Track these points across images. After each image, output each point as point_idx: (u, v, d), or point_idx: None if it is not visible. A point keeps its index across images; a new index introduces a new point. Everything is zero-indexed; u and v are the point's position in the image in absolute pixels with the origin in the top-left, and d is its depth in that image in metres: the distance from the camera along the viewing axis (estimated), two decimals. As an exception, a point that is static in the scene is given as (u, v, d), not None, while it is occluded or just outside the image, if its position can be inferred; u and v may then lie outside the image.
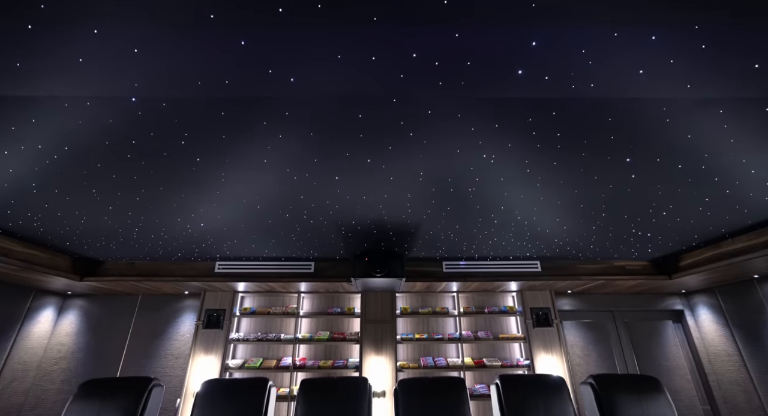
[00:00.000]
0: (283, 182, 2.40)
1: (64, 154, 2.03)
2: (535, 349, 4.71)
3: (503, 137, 1.92)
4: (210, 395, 2.85)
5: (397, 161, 2.16)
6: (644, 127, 1.82)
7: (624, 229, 3.30)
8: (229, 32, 1.30)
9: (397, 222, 3.16)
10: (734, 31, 1.29)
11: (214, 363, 4.61)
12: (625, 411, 2.80)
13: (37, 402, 4.41)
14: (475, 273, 4.40)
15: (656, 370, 4.87)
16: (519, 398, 2.90)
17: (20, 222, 3.04)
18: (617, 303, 5.24)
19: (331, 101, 1.65)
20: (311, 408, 2.85)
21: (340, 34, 1.31)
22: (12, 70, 1.44)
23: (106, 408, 2.71)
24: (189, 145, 1.98)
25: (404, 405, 2.94)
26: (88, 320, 4.92)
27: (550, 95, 1.60)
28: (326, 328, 5.00)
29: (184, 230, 3.30)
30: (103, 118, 1.74)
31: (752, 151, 2.01)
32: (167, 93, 1.59)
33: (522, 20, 1.26)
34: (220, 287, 4.69)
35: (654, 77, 1.50)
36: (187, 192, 2.54)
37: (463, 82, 1.53)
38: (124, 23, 1.27)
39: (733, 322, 4.40)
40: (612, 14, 1.24)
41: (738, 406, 4.32)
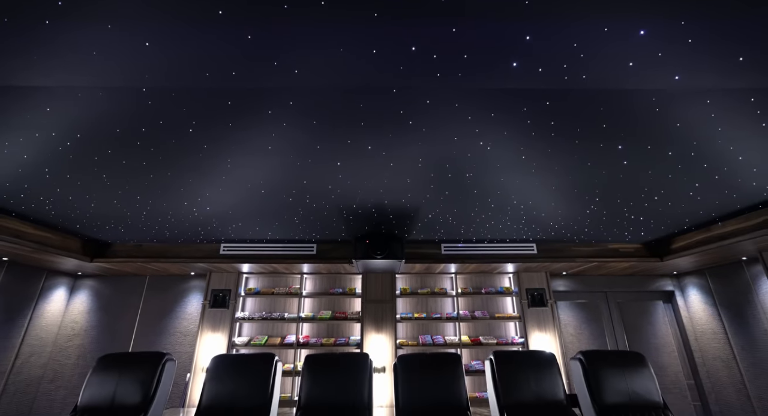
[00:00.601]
0: (287, 168, 2.49)
1: (77, 141, 2.12)
2: (530, 328, 4.89)
3: (499, 125, 1.99)
4: (220, 369, 3.03)
5: (397, 148, 2.24)
6: (635, 116, 1.89)
7: (617, 213, 3.41)
8: (236, 27, 1.36)
9: (397, 206, 3.26)
10: (718, 27, 1.35)
11: (221, 341, 4.81)
12: (611, 384, 2.98)
13: (55, 375, 4.63)
14: (472, 255, 4.53)
15: (645, 347, 5.07)
16: (511, 372, 3.08)
17: (33, 206, 3.14)
18: (611, 285, 5.40)
19: (333, 91, 1.72)
20: (316, 381, 3.04)
21: (342, 29, 1.37)
22: (29, 63, 1.51)
23: (124, 380, 2.89)
24: (196, 133, 2.06)
25: (403, 379, 3.12)
26: (99, 299, 5.10)
27: (543, 86, 1.67)
28: (328, 308, 5.19)
29: (190, 213, 3.40)
30: (114, 107, 1.81)
31: (739, 138, 2.08)
32: (176, 83, 1.66)
33: (516, 16, 1.32)
34: (226, 268, 4.84)
35: (643, 69, 1.56)
36: (194, 177, 2.63)
37: (460, 73, 1.60)
38: (136, 19, 1.33)
39: (721, 302, 4.56)
40: (601, 10, 1.30)
41: (720, 381, 4.54)
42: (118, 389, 2.86)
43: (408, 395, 3.02)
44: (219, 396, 2.92)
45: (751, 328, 4.15)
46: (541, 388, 3.00)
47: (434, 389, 3.03)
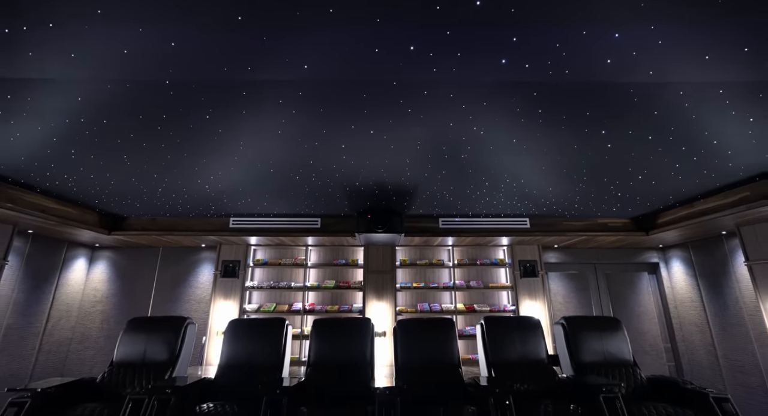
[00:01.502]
0: (295, 149, 2.68)
1: (102, 126, 2.30)
2: (521, 297, 5.24)
3: (491, 113, 2.17)
4: (238, 331, 3.36)
5: (396, 132, 2.42)
6: (614, 105, 2.07)
7: (604, 191, 3.62)
8: (253, 31, 1.52)
9: (397, 184, 3.47)
10: (684, 32, 1.51)
11: (233, 308, 5.17)
12: (588, 345, 3.32)
13: (82, 337, 5.04)
14: (469, 229, 4.79)
15: (628, 315, 5.44)
16: (499, 335, 3.41)
17: (57, 183, 3.36)
18: (599, 257, 5.70)
19: (339, 84, 1.89)
20: (323, 342, 3.38)
21: (348, 31, 1.53)
22: (69, 61, 1.68)
23: (152, 341, 3.23)
24: (213, 119, 2.24)
25: (402, 341, 3.46)
26: (117, 269, 5.42)
27: (530, 80, 1.84)
28: (332, 277, 5.51)
29: (202, 190, 3.62)
30: (140, 97, 1.99)
31: (712, 125, 2.26)
32: (197, 77, 1.83)
33: (504, 21, 1.48)
34: (235, 241, 5.12)
35: (620, 66, 1.72)
36: (208, 157, 2.83)
37: (454, 69, 1.76)
38: (164, 23, 1.49)
39: (700, 273, 4.87)
40: (579, 17, 1.45)
41: (693, 343, 4.93)
42: (147, 348, 3.20)
43: (406, 355, 3.37)
44: (237, 354, 3.26)
45: (725, 296, 4.48)
46: (526, 349, 3.35)
47: (430, 349, 3.37)
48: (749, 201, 3.37)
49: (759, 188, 3.27)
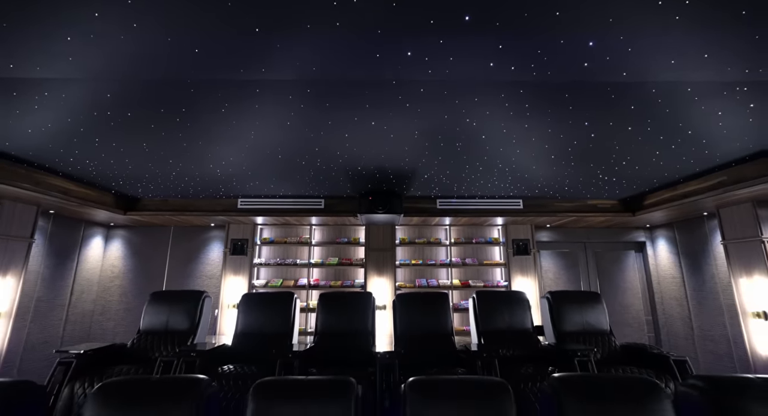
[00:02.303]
0: (302, 138, 2.90)
1: (127, 118, 2.52)
2: (513, 273, 5.56)
3: (482, 107, 2.38)
4: (251, 304, 3.69)
5: (396, 123, 2.63)
6: (594, 101, 2.27)
7: (591, 175, 3.85)
8: (268, 38, 1.72)
9: (396, 168, 3.70)
10: (652, 41, 1.70)
11: (242, 283, 5.51)
12: (569, 317, 3.65)
13: (103, 309, 5.41)
14: (465, 209, 5.04)
15: (614, 290, 5.79)
16: (489, 307, 3.74)
17: (78, 168, 3.59)
18: (589, 236, 5.98)
19: (344, 82, 2.09)
20: (329, 313, 3.71)
21: (351, 40, 1.73)
22: (101, 61, 1.88)
23: (174, 311, 3.56)
24: (227, 112, 2.45)
25: (401, 313, 3.79)
26: (131, 247, 5.73)
27: (516, 79, 2.04)
28: (335, 255, 5.83)
29: (213, 173, 3.85)
30: (163, 94, 2.20)
31: (684, 118, 2.47)
32: (216, 76, 2.03)
33: (490, 32, 1.67)
34: (243, 220, 5.40)
35: (596, 69, 1.92)
36: (221, 145, 3.05)
37: (447, 71, 1.96)
38: (190, 33, 1.69)
39: (682, 251, 5.16)
40: (556, 29, 1.64)
41: (672, 316, 5.30)
42: (170, 318, 3.54)
43: (405, 324, 3.71)
44: (251, 324, 3.60)
45: (703, 273, 4.79)
46: (513, 320, 3.68)
47: (426, 320, 3.71)
48: (726, 184, 3.60)
49: (734, 173, 3.50)
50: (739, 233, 4.02)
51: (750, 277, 3.89)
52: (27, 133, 2.74)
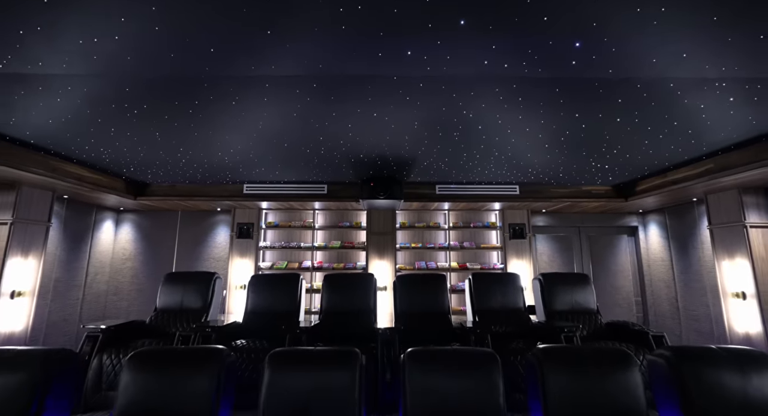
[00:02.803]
0: (307, 128, 3.05)
1: (143, 110, 2.66)
2: (509, 256, 5.78)
3: (478, 100, 2.52)
4: (260, 284, 3.92)
5: (396, 115, 2.78)
6: (584, 95, 2.41)
7: (584, 163, 4.00)
8: (279, 41, 1.86)
9: (397, 156, 3.85)
10: (634, 43, 1.84)
11: (249, 265, 5.74)
12: (559, 297, 3.87)
13: (116, 290, 5.67)
14: (463, 195, 5.21)
15: (605, 272, 6.02)
16: (484, 288, 3.97)
17: (93, 155, 3.75)
18: (584, 221, 6.18)
19: (348, 78, 2.24)
20: (333, 293, 3.94)
21: (355, 42, 1.87)
22: (124, 59, 2.03)
23: (188, 291, 3.79)
24: (238, 105, 2.59)
25: (400, 292, 4.02)
26: (141, 231, 5.94)
27: (510, 75, 2.18)
28: (338, 238, 6.04)
29: (221, 160, 4.01)
30: (179, 88, 2.34)
31: (669, 110, 2.62)
32: (229, 73, 2.17)
33: (484, 34, 1.80)
34: (248, 205, 5.58)
35: (583, 66, 2.06)
36: (230, 134, 3.20)
37: (444, 68, 2.10)
38: (209, 31, 1.82)
39: (672, 235, 5.36)
40: (547, 33, 1.78)
41: (660, 297, 5.55)
42: (184, 297, 3.77)
43: (404, 303, 3.95)
44: (260, 303, 3.84)
45: (690, 256, 5.00)
46: (506, 299, 3.91)
47: (424, 299, 3.94)
48: (713, 172, 3.76)
49: (720, 161, 3.65)
50: (725, 218, 4.21)
51: (732, 260, 4.10)
52: (48, 123, 2.89)
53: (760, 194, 4.07)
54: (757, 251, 3.93)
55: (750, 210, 4.02)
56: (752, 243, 3.95)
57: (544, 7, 1.62)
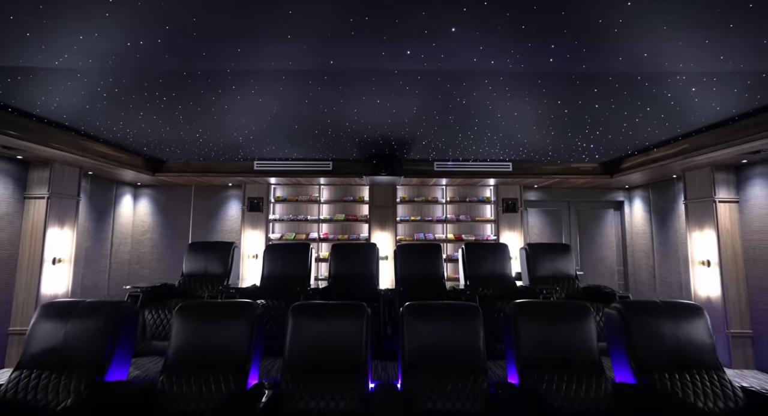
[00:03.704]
0: (316, 112, 3.37)
1: (171, 98, 2.99)
2: (502, 229, 6.21)
3: (469, 89, 2.83)
4: (274, 253, 4.36)
5: (397, 102, 3.09)
6: (563, 86, 2.72)
7: (571, 142, 4.33)
8: (297, 42, 2.17)
9: (398, 136, 4.18)
10: (597, 44, 2.15)
11: (260, 236, 6.19)
12: (542, 264, 4.33)
13: (138, 259, 6.16)
14: (459, 171, 5.56)
15: (591, 244, 6.47)
16: (475, 256, 4.42)
17: (118, 135, 4.09)
18: (573, 196, 6.55)
19: (355, 72, 2.55)
20: (340, 260, 4.39)
21: (363, 44, 2.18)
22: (158, 54, 2.34)
23: (210, 258, 4.24)
24: (256, 93, 2.91)
25: (400, 260, 4.48)
26: (157, 205, 6.35)
27: (496, 69, 2.49)
28: (342, 212, 6.45)
29: (236, 140, 4.34)
30: (205, 78, 2.66)
31: (642, 98, 2.93)
32: (251, 67, 2.49)
33: (473, 39, 2.11)
34: (258, 180, 5.95)
35: (559, 63, 2.37)
36: (247, 117, 3.52)
37: (439, 63, 2.41)
38: (232, 37, 2.13)
39: (654, 210, 5.76)
40: (524, 36, 2.09)
41: (640, 266, 6.03)
42: (207, 264, 4.23)
43: (403, 269, 4.41)
44: (275, 269, 4.30)
45: (668, 229, 5.43)
46: (494, 266, 4.37)
47: (421, 266, 4.40)
48: (687, 151, 4.10)
49: (695, 141, 3.98)
50: (698, 194, 4.59)
51: (701, 231, 4.52)
52: (85, 108, 3.22)
53: (730, 172, 4.42)
54: (722, 223, 4.33)
55: (720, 187, 4.39)
56: (719, 217, 4.35)
57: (523, 17, 1.93)
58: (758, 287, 4.13)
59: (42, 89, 2.86)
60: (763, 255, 4.08)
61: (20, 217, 4.21)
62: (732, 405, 2.13)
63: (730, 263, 4.29)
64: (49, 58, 2.36)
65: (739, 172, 4.39)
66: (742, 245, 4.30)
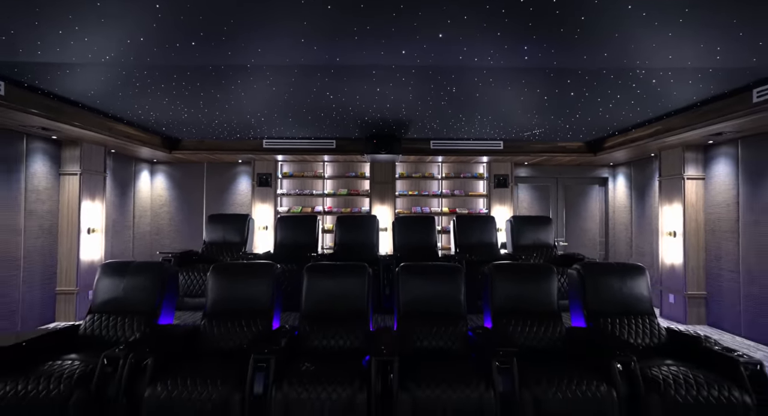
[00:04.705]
0: (322, 98, 3.76)
1: (196, 87, 3.39)
2: (493, 203, 6.69)
3: (458, 81, 3.22)
4: (286, 223, 4.87)
5: (395, 90, 3.48)
6: (539, 79, 3.12)
7: (555, 124, 4.73)
8: (308, 45, 2.56)
9: (396, 118, 4.58)
10: (563, 45, 2.54)
11: (269, 209, 6.69)
12: (525, 234, 4.83)
13: (158, 231, 6.70)
14: (454, 149, 5.97)
15: (576, 217, 6.97)
16: (465, 226, 4.92)
17: (142, 117, 4.50)
18: (562, 172, 6.99)
19: (358, 67, 2.94)
20: (345, 230, 4.90)
21: (365, 46, 2.57)
22: (190, 52, 2.74)
23: (228, 228, 4.75)
24: (270, 83, 3.31)
25: (398, 230, 4.99)
26: (173, 180, 6.81)
27: (479, 66, 2.88)
28: (345, 187, 6.91)
29: (248, 121, 4.74)
30: (228, 71, 3.05)
31: (613, 89, 3.33)
32: (268, 62, 2.88)
33: (458, 42, 2.50)
34: (267, 158, 6.38)
35: (534, 60, 2.76)
36: (260, 102, 3.92)
37: (430, 60, 2.80)
38: (254, 38, 2.53)
39: (634, 186, 6.22)
40: (501, 39, 2.48)
41: (620, 238, 6.56)
42: (225, 233, 4.75)
43: (401, 238, 4.93)
44: (286, 238, 4.82)
45: (644, 203, 5.91)
46: (482, 236, 4.89)
47: (417, 235, 4.91)
48: (660, 132, 4.51)
49: (666, 124, 4.37)
50: (671, 171, 5.03)
51: (671, 205, 5.00)
52: (118, 95, 3.62)
53: (699, 151, 4.84)
54: (689, 199, 4.81)
55: (689, 165, 4.83)
56: (686, 193, 4.81)
57: (498, 27, 2.32)
58: (714, 255, 4.66)
59: (83, 79, 3.26)
60: (721, 226, 4.58)
61: (57, 192, 4.69)
62: (656, 341, 2.69)
63: (692, 234, 4.80)
64: (97, 55, 2.75)
65: (707, 152, 4.82)
66: (705, 218, 4.80)
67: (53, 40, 2.49)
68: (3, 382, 2.08)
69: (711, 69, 2.89)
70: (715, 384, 2.15)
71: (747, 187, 4.26)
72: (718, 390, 2.12)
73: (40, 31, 2.38)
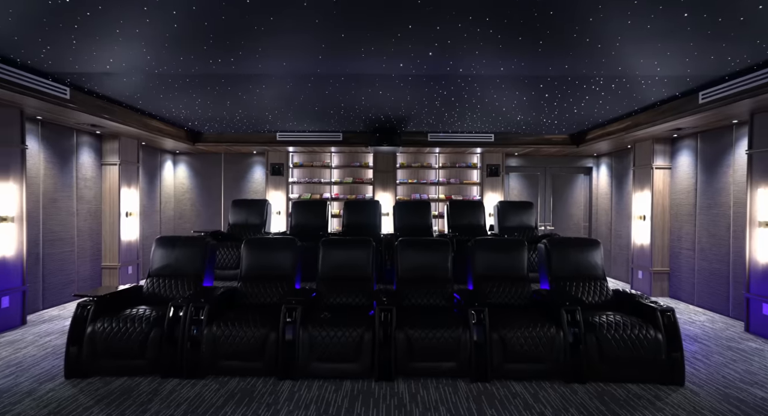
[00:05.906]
0: (332, 98, 4.37)
1: (226, 90, 4.00)
2: (485, 190, 7.31)
3: (449, 85, 3.82)
4: (300, 207, 5.53)
5: (395, 93, 4.09)
6: (516, 86, 3.71)
7: (538, 119, 5.31)
8: (327, 59, 3.17)
9: (396, 115, 5.18)
10: (538, 54, 3.14)
11: (281, 196, 7.34)
12: (510, 217, 5.47)
13: (181, 215, 7.38)
14: (450, 141, 6.57)
15: (562, 203, 7.59)
16: (457, 211, 5.56)
17: (174, 113, 5.13)
18: (549, 163, 7.58)
19: (363, 75, 3.55)
20: (351, 213, 5.55)
21: (367, 59, 3.17)
22: (227, 61, 3.36)
23: (249, 212, 5.41)
24: (289, 89, 3.92)
25: (398, 213, 5.64)
26: (193, 170, 7.46)
27: (465, 74, 3.48)
28: (350, 176, 7.54)
29: (265, 117, 5.36)
30: (256, 79, 3.67)
31: (579, 91, 3.92)
32: (287, 72, 3.49)
33: (446, 57, 3.10)
34: (279, 149, 7.01)
35: (507, 70, 3.35)
36: (277, 102, 4.54)
37: (425, 67, 3.41)
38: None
39: (614, 174, 6.81)
40: (483, 52, 3.07)
41: (601, 223, 7.18)
42: (248, 217, 5.41)
43: (401, 220, 5.58)
44: (301, 220, 5.49)
45: (622, 190, 6.51)
46: (472, 219, 5.53)
47: (415, 217, 5.57)
48: (630, 127, 5.09)
49: (635, 119, 4.95)
50: (643, 161, 5.62)
51: (642, 192, 5.61)
52: (159, 97, 4.25)
53: (667, 144, 5.43)
54: (657, 186, 5.41)
55: (658, 156, 5.42)
56: (655, 181, 5.42)
57: (479, 45, 2.91)
58: (676, 235, 5.29)
59: (126, 84, 3.88)
60: (682, 210, 5.20)
61: (100, 180, 5.35)
62: (604, 299, 3.35)
63: (659, 217, 5.43)
64: (141, 64, 3.37)
65: (674, 144, 5.40)
66: (670, 203, 5.41)
67: (107, 54, 3.12)
68: (101, 321, 2.78)
69: (666, 78, 3.48)
70: (637, 325, 2.82)
71: (703, 176, 4.87)
72: (639, 330, 2.78)
73: (97, 47, 3.00)
